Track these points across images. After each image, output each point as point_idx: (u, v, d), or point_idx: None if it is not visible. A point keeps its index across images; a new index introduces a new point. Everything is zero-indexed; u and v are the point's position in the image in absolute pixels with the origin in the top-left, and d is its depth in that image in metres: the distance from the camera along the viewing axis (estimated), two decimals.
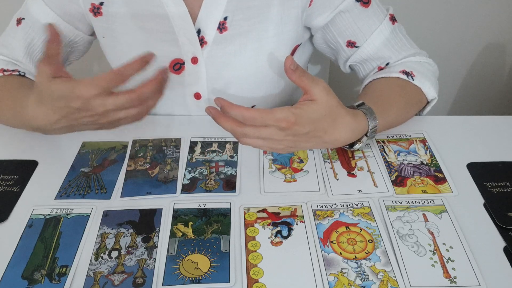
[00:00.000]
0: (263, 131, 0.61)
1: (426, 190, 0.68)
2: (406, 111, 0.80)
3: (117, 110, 0.63)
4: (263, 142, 0.63)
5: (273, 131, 0.61)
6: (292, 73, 0.62)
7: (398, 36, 0.84)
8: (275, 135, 0.62)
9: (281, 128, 0.61)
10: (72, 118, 0.64)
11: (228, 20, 0.79)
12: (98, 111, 0.62)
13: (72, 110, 0.62)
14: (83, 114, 0.63)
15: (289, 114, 0.61)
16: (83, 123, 0.65)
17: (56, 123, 0.65)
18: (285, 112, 0.61)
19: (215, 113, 0.62)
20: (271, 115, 0.60)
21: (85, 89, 0.60)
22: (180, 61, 0.82)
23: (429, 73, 0.82)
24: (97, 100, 0.60)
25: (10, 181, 0.70)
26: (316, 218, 0.64)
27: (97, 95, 0.60)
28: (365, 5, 0.81)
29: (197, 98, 0.86)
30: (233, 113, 0.60)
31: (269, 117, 0.60)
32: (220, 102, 0.61)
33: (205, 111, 0.63)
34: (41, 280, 0.56)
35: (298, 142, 0.65)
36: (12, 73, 0.80)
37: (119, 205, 0.67)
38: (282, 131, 0.62)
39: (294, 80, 0.63)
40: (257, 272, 0.57)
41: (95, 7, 0.80)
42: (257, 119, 0.60)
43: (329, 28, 0.83)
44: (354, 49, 0.84)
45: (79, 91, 0.60)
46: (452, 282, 0.55)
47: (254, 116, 0.60)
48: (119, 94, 0.62)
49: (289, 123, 0.61)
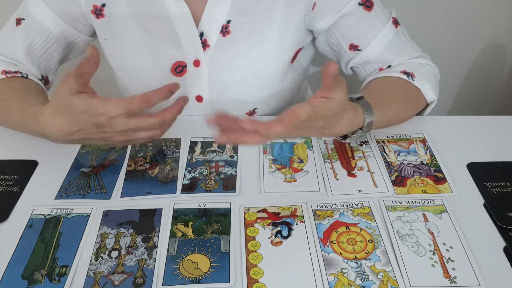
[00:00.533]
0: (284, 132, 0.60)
1: (426, 190, 0.68)
2: (404, 111, 0.80)
3: (134, 131, 0.64)
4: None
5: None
6: (330, 78, 0.59)
7: (401, 39, 0.83)
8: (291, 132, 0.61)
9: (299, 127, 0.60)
10: (87, 132, 0.65)
11: (231, 24, 0.78)
12: (117, 129, 0.63)
13: (91, 125, 0.63)
14: (101, 129, 0.63)
15: (311, 113, 0.58)
16: (95, 138, 0.66)
17: (70, 134, 0.65)
18: (307, 112, 0.58)
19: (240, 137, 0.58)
20: (297, 120, 0.58)
21: (112, 107, 0.61)
22: (182, 64, 0.82)
23: (430, 75, 0.82)
24: (120, 119, 0.62)
25: (10, 181, 0.70)
26: (316, 218, 0.64)
27: (121, 114, 0.61)
28: (368, 9, 0.81)
29: (199, 100, 0.86)
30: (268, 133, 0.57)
31: (296, 122, 0.58)
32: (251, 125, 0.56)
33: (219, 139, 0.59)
34: (41, 280, 0.56)
35: (305, 134, 0.67)
36: (15, 75, 0.80)
37: (119, 205, 0.67)
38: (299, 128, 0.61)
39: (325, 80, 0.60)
40: (257, 272, 0.57)
41: (97, 9, 0.79)
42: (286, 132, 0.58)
43: (332, 31, 0.83)
44: (357, 52, 0.84)
45: (106, 108, 0.61)
46: (452, 282, 0.55)
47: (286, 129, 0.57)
48: (142, 117, 0.63)
49: (309, 120, 0.60)
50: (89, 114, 0.62)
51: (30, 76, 0.81)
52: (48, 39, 0.83)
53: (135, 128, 0.64)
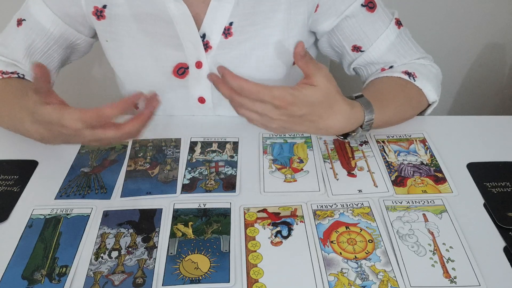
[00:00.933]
0: (259, 106, 0.62)
1: (426, 190, 0.68)
2: (405, 110, 0.80)
3: (104, 140, 0.63)
4: (257, 116, 0.64)
5: (269, 108, 0.62)
6: (301, 58, 0.63)
7: (404, 40, 0.83)
8: (270, 112, 0.62)
9: (276, 106, 0.62)
10: (66, 139, 0.65)
11: (234, 26, 0.78)
12: (87, 139, 0.63)
13: (63, 134, 0.63)
14: (76, 138, 0.64)
15: (286, 93, 0.61)
16: (78, 141, 0.66)
17: (51, 140, 0.67)
18: (282, 91, 0.61)
19: (216, 79, 0.63)
20: (268, 91, 0.61)
21: (71, 122, 0.60)
22: (184, 65, 0.82)
23: (432, 76, 0.82)
24: (84, 131, 0.61)
25: (10, 181, 0.70)
26: (316, 218, 0.64)
27: (82, 127, 0.60)
28: (371, 10, 0.81)
29: (201, 102, 0.86)
30: (233, 83, 0.61)
31: (266, 92, 0.61)
32: (222, 70, 0.62)
33: (207, 77, 0.64)
34: (41, 280, 0.56)
35: (292, 124, 0.65)
36: (11, 75, 0.80)
37: (119, 205, 0.67)
38: (277, 110, 0.62)
39: (300, 65, 0.63)
40: (257, 272, 0.57)
41: (98, 10, 0.79)
42: (253, 93, 0.61)
43: (334, 32, 0.83)
44: (359, 53, 0.84)
45: (66, 122, 0.60)
46: (452, 282, 0.55)
47: (251, 89, 0.61)
48: (107, 129, 0.61)
49: (285, 102, 0.61)
50: (56, 125, 0.61)
51: (27, 76, 0.81)
52: (48, 39, 0.83)
53: (104, 139, 0.63)
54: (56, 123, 0.61)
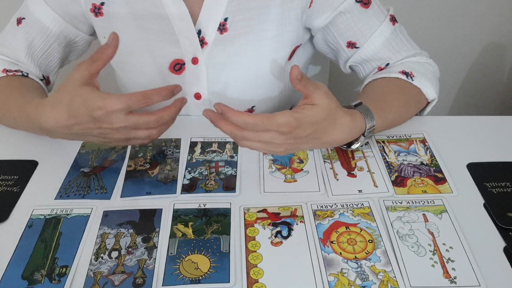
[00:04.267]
0: (264, 136, 0.61)
1: (426, 190, 0.68)
2: (405, 112, 0.80)
3: (131, 129, 0.64)
4: (262, 145, 0.63)
5: (274, 136, 0.61)
6: (298, 82, 0.62)
7: (399, 36, 0.84)
8: (276, 139, 0.62)
9: (282, 133, 0.61)
10: (85, 127, 0.64)
11: (229, 21, 0.79)
12: (115, 126, 0.63)
13: (89, 119, 0.62)
14: (98, 125, 0.63)
15: (290, 119, 0.61)
16: (93, 134, 0.65)
17: (67, 127, 0.65)
18: (286, 117, 0.60)
19: (213, 116, 0.62)
20: (272, 120, 0.60)
21: (111, 102, 0.61)
22: (180, 62, 0.83)
23: (429, 73, 0.82)
24: (118, 115, 0.61)
25: (10, 181, 0.70)
26: (316, 218, 0.64)
27: (119, 110, 0.61)
28: (365, 6, 0.81)
29: (197, 98, 0.86)
30: (234, 119, 0.60)
31: (271, 122, 0.60)
32: (220, 107, 0.61)
33: (203, 114, 0.63)
34: (41, 280, 0.56)
35: (298, 144, 0.65)
36: (16, 73, 0.80)
37: (119, 205, 0.67)
38: (283, 135, 0.62)
39: (299, 88, 0.62)
40: (257, 272, 0.57)
41: (96, 7, 0.80)
42: (259, 125, 0.60)
43: (329, 29, 0.83)
44: (355, 50, 0.84)
45: (105, 102, 0.60)
46: (452, 282, 0.55)
47: (256, 122, 0.60)
48: (139, 114, 0.63)
49: (291, 127, 0.61)
50: (88, 107, 0.61)
51: (30, 75, 0.82)
52: (48, 38, 0.83)
53: (133, 126, 0.63)
54: (90, 104, 0.61)
